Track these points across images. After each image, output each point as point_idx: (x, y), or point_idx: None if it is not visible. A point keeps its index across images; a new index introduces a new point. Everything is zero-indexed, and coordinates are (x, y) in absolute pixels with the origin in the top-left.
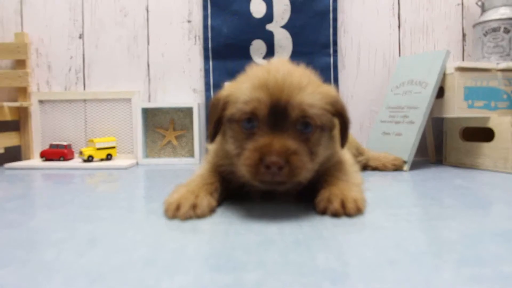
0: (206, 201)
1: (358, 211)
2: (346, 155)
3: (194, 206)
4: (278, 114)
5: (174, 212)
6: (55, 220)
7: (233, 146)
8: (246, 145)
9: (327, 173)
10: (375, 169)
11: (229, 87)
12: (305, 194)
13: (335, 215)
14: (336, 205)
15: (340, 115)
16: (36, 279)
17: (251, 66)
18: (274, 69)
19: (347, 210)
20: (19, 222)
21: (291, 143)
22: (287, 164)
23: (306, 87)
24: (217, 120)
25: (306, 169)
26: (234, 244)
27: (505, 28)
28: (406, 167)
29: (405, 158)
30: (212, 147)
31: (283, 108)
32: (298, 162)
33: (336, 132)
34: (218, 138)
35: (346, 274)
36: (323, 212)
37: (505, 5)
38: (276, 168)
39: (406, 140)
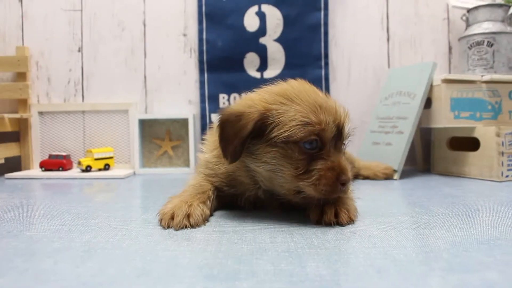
0: (199, 210)
1: (350, 221)
2: None
3: (187, 216)
4: (338, 136)
5: (169, 222)
6: (52, 230)
7: (290, 166)
8: (312, 166)
9: None
10: (366, 178)
11: (260, 103)
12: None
13: (329, 224)
14: (329, 215)
15: None
16: None
17: (268, 86)
18: (314, 93)
19: (340, 220)
20: (17, 232)
21: (347, 162)
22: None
23: (345, 111)
24: (245, 138)
25: None
26: (227, 253)
27: (488, 42)
28: (396, 176)
29: (395, 167)
30: (203, 156)
31: (341, 130)
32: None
33: None
34: (214, 152)
35: (335, 283)
36: (316, 221)
37: (488, 20)
38: (348, 183)
39: (396, 150)
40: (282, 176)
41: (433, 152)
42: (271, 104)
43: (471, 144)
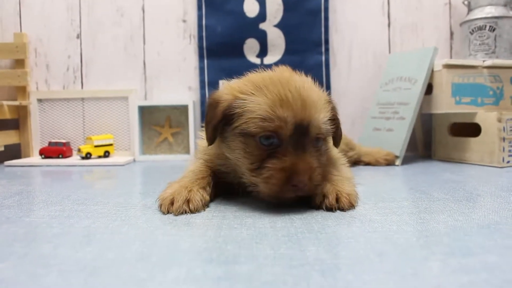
0: (199, 195)
1: (351, 205)
2: (333, 149)
3: (187, 201)
4: (300, 133)
5: (168, 207)
6: (52, 215)
7: (246, 159)
8: (266, 163)
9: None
10: (367, 164)
11: (232, 91)
12: None
13: (330, 209)
14: (331, 199)
15: (335, 119)
16: (33, 273)
17: (253, 72)
18: (284, 82)
19: (341, 205)
20: (17, 218)
21: (312, 162)
22: (310, 181)
23: (318, 103)
24: (216, 125)
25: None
26: (226, 238)
27: (490, 27)
28: (398, 162)
29: (397, 153)
30: (202, 143)
31: (305, 127)
32: (318, 177)
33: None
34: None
35: (336, 266)
36: (318, 206)
37: (490, 5)
38: (302, 186)
39: (397, 136)
40: (242, 167)
41: (434, 138)
42: (241, 93)
43: (472, 130)
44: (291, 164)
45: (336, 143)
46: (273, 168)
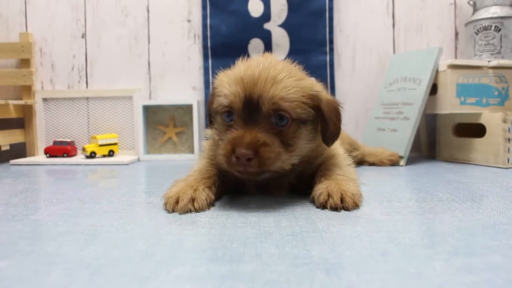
0: (204, 194)
1: (355, 205)
2: (339, 149)
3: (192, 200)
4: (252, 108)
5: (173, 206)
6: (57, 214)
7: (216, 136)
8: (223, 137)
9: (323, 167)
10: (372, 164)
11: (217, 78)
12: (301, 187)
13: (335, 209)
14: (336, 199)
15: (318, 109)
16: (37, 271)
17: (241, 60)
18: (254, 64)
19: (346, 205)
20: (22, 216)
21: (261, 136)
22: (257, 155)
23: (281, 81)
24: (208, 111)
25: (279, 160)
26: (231, 237)
27: (495, 27)
28: (402, 162)
29: (401, 153)
30: (207, 142)
31: (256, 102)
32: (268, 153)
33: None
34: (213, 141)
35: (340, 265)
36: (323, 206)
37: (496, 5)
38: (245, 159)
39: (401, 136)
40: (217, 147)
41: (439, 139)
42: (223, 80)
43: (477, 130)
44: (236, 136)
45: (327, 141)
46: (224, 140)
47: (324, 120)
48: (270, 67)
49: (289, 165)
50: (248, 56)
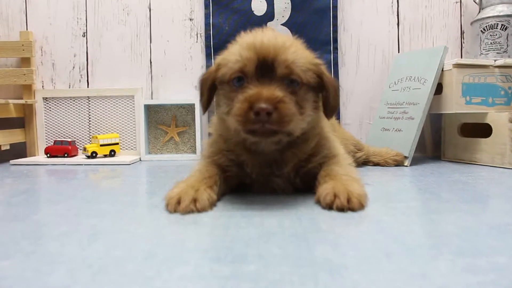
0: (206, 195)
1: (361, 206)
2: (339, 149)
3: (194, 200)
4: (265, 70)
5: (175, 207)
6: (58, 214)
7: (225, 106)
8: (236, 99)
9: (325, 166)
10: (376, 164)
11: (219, 57)
12: (301, 184)
13: (341, 209)
14: (343, 200)
15: (321, 77)
16: (39, 271)
17: (241, 34)
18: (260, 34)
19: (352, 205)
20: (24, 216)
21: (279, 92)
22: (276, 111)
23: (290, 47)
24: (210, 87)
25: (296, 119)
26: (234, 237)
27: (502, 25)
28: (407, 162)
29: (406, 153)
30: (206, 141)
31: (271, 64)
32: (286, 109)
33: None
34: (213, 138)
35: (344, 266)
36: (329, 206)
37: (502, 3)
38: (265, 114)
39: (406, 136)
40: (227, 116)
41: (444, 139)
42: (226, 54)
43: (483, 130)
44: (253, 93)
45: (327, 113)
46: (240, 100)
47: (326, 90)
48: (277, 35)
49: (300, 130)
50: None
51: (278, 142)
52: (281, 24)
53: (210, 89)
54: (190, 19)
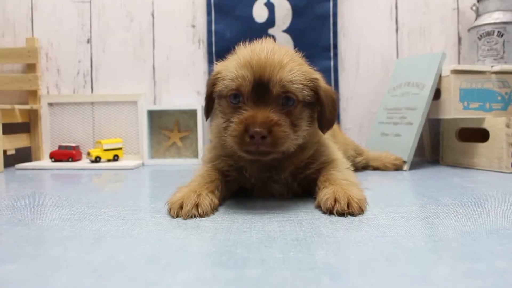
0: (208, 199)
1: (361, 211)
2: (337, 154)
3: (196, 205)
4: (261, 90)
5: (177, 211)
6: (63, 218)
7: (222, 120)
8: (233, 118)
9: (324, 172)
10: (376, 169)
11: (218, 66)
12: (300, 189)
13: (341, 214)
14: (343, 204)
15: (317, 94)
16: (43, 275)
17: (240, 46)
18: (258, 49)
19: (352, 210)
20: (28, 220)
21: (273, 115)
22: (270, 134)
23: (287, 65)
24: (208, 96)
25: (289, 140)
26: (236, 242)
27: (498, 32)
28: (406, 167)
29: (405, 158)
30: (206, 147)
31: (266, 84)
32: (280, 132)
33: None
34: (213, 143)
35: (344, 270)
36: (330, 211)
37: (498, 10)
38: (259, 137)
39: (405, 141)
40: (224, 131)
41: (442, 143)
42: (223, 65)
43: (481, 135)
44: (248, 116)
45: (323, 128)
46: (235, 121)
47: (322, 105)
48: (275, 52)
49: (294, 146)
50: None
51: (272, 158)
52: (282, 31)
53: (209, 98)
54: (193, 26)
